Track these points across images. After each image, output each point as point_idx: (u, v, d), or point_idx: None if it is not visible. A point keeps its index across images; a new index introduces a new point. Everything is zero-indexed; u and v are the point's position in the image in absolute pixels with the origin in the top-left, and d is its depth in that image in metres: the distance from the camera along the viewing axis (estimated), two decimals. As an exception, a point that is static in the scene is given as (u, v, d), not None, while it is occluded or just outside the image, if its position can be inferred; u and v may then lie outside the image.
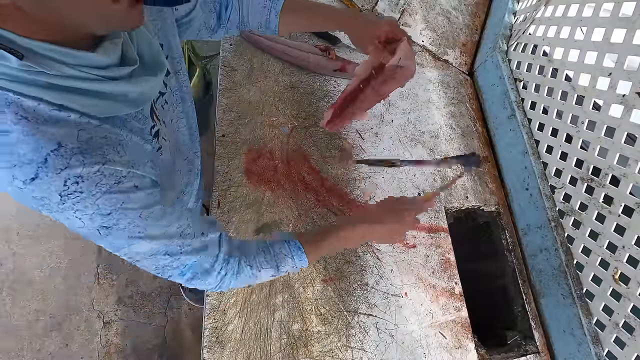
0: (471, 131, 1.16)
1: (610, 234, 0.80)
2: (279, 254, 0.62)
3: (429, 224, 0.97)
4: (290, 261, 0.62)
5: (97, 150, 0.41)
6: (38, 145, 0.37)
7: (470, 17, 1.35)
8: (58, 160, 0.38)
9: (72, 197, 0.39)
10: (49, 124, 0.39)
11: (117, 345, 1.55)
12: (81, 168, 0.39)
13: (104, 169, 0.41)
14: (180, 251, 0.51)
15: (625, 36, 0.79)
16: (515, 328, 0.97)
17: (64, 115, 0.40)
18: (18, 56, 0.35)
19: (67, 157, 0.39)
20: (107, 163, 0.41)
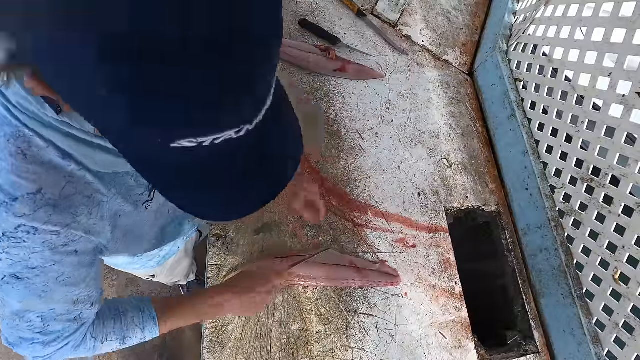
0: (471, 131, 1.16)
1: (610, 234, 0.80)
2: (130, 324, 0.58)
3: (429, 224, 0.97)
4: (140, 333, 0.59)
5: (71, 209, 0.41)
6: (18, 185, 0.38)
7: (470, 17, 1.35)
8: (27, 204, 0.38)
9: (12, 242, 0.39)
10: (43, 167, 0.39)
11: (117, 345, 1.55)
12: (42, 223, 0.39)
13: (62, 231, 0.41)
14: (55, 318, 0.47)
15: (625, 36, 0.79)
16: (515, 328, 0.97)
17: (64, 164, 0.40)
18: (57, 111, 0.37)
19: (37, 206, 0.38)
20: (70, 226, 0.42)
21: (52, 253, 0.42)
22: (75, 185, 0.42)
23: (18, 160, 0.38)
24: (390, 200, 0.97)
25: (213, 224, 0.85)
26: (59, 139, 0.39)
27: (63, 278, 0.44)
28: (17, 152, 0.38)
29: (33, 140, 0.38)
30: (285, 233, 0.87)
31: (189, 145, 0.26)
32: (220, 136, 0.27)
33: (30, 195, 0.38)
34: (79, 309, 0.49)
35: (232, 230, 0.85)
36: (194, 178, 0.31)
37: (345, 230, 0.91)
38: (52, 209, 0.39)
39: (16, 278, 0.41)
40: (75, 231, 0.42)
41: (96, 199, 0.45)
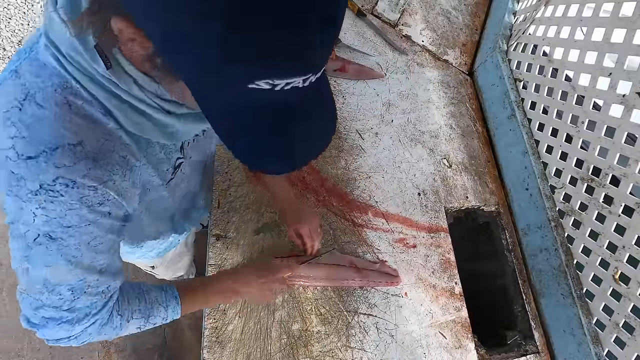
0: (471, 131, 1.16)
1: (610, 234, 0.80)
2: (154, 302, 0.58)
3: (429, 224, 0.97)
4: (163, 312, 0.59)
5: (109, 166, 0.41)
6: (61, 132, 0.37)
7: (470, 17, 1.35)
8: (68, 155, 0.38)
9: (50, 195, 0.38)
10: (85, 120, 0.39)
11: (117, 345, 1.55)
12: (81, 176, 0.38)
13: (99, 188, 0.41)
14: (85, 290, 0.46)
15: (625, 36, 0.79)
16: (515, 328, 0.97)
17: (105, 121, 0.41)
18: (107, 65, 0.37)
19: (77, 158, 0.38)
20: (107, 184, 0.41)
21: (88, 211, 0.41)
22: (113, 143, 0.42)
23: (62, 110, 0.38)
24: (390, 200, 0.97)
25: (212, 221, 0.85)
26: (103, 95, 0.39)
27: (95, 242, 0.44)
28: (62, 102, 0.38)
29: (79, 92, 0.39)
30: (285, 233, 0.87)
31: (265, 87, 0.30)
32: (292, 81, 0.31)
33: (70, 146, 0.38)
34: (105, 280, 0.48)
35: (232, 230, 0.85)
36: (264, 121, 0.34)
37: (345, 230, 0.91)
38: (91, 162, 0.39)
39: (49, 238, 0.40)
40: (110, 190, 0.42)
41: (130, 162, 0.45)
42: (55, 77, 0.38)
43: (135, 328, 0.57)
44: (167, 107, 0.44)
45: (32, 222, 0.39)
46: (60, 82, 0.38)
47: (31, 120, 0.37)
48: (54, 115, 0.37)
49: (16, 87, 0.38)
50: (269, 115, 0.34)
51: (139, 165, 0.47)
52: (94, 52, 0.37)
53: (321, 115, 0.40)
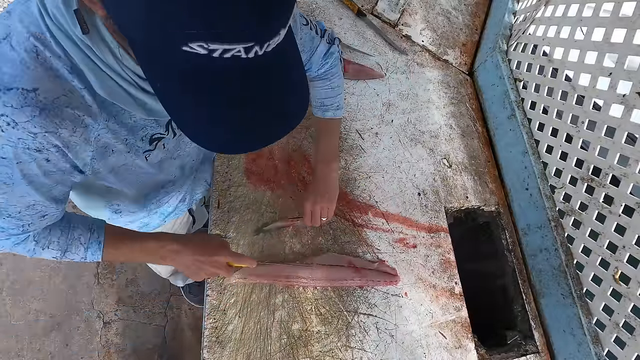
0: (471, 131, 1.16)
1: (610, 234, 0.80)
2: (75, 240, 0.58)
3: (429, 224, 0.97)
4: (82, 252, 0.59)
5: (57, 119, 0.42)
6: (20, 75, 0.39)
7: (470, 17, 1.35)
8: (18, 98, 0.39)
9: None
10: (48, 72, 0.41)
11: (117, 345, 1.55)
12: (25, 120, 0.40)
13: (40, 136, 0.42)
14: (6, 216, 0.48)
15: (625, 36, 0.79)
16: (515, 328, 0.97)
17: (69, 78, 0.42)
18: (84, 30, 0.39)
19: (25, 103, 0.39)
20: (51, 134, 0.42)
21: (22, 151, 0.42)
22: (70, 100, 0.43)
23: (29, 56, 0.39)
24: (390, 200, 0.97)
25: (212, 221, 0.85)
26: (76, 53, 0.41)
27: (28, 177, 0.45)
28: (31, 50, 0.40)
29: (51, 46, 0.40)
30: (285, 233, 0.87)
31: (201, 52, 0.29)
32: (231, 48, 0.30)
33: (24, 90, 0.39)
34: (31, 216, 0.50)
35: (232, 230, 0.85)
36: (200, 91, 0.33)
37: (345, 230, 0.91)
38: (38, 110, 0.40)
39: None
40: (53, 140, 0.43)
41: (85, 121, 0.45)
42: (33, 26, 0.40)
43: (50, 257, 0.58)
44: (142, 84, 0.46)
45: None
46: (35, 32, 0.40)
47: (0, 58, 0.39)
48: (19, 58, 0.39)
49: (2, 26, 0.40)
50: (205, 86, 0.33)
51: (97, 127, 0.48)
52: (73, 15, 0.39)
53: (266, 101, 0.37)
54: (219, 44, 0.29)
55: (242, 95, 0.35)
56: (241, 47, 0.30)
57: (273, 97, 0.38)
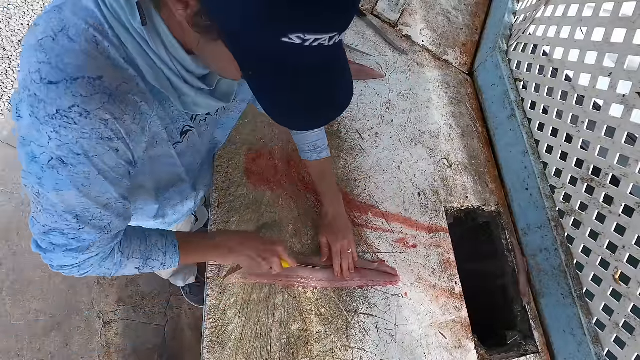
0: (471, 131, 1.16)
1: (610, 234, 0.80)
2: (154, 245, 0.61)
3: (429, 224, 0.97)
4: (162, 257, 0.61)
5: (122, 105, 0.44)
6: (84, 65, 0.40)
7: (470, 17, 1.35)
8: (86, 86, 0.40)
9: (64, 121, 0.40)
10: (107, 61, 0.42)
11: (117, 345, 1.55)
12: (95, 107, 0.41)
13: (111, 122, 0.43)
14: (89, 221, 0.49)
15: (625, 36, 0.79)
16: (515, 328, 0.97)
17: (125, 67, 0.44)
18: (143, 21, 0.41)
19: (95, 90, 0.40)
20: (118, 121, 0.44)
21: (97, 142, 0.43)
22: (130, 87, 0.44)
23: (90, 46, 0.41)
24: (390, 200, 0.97)
25: (212, 221, 0.85)
26: (131, 43, 0.43)
27: (103, 175, 0.46)
28: (91, 40, 0.41)
29: (108, 36, 0.42)
30: (286, 233, 0.87)
31: (296, 42, 0.34)
32: (321, 38, 0.35)
33: (90, 79, 0.40)
34: (109, 216, 0.51)
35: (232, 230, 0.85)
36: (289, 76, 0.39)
37: (345, 230, 0.91)
38: (107, 97, 0.41)
39: (61, 162, 0.43)
40: (121, 128, 0.44)
41: (142, 108, 0.47)
42: (90, 19, 0.41)
43: (134, 268, 0.60)
44: (186, 77, 0.48)
45: (46, 145, 0.42)
46: (94, 23, 0.41)
47: (60, 50, 0.40)
48: (81, 49, 0.40)
49: (55, 20, 0.41)
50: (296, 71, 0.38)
51: (151, 114, 0.49)
52: (133, 6, 0.40)
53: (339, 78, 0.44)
54: (313, 34, 0.34)
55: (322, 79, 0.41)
56: (328, 36, 0.35)
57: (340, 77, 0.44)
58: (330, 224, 0.84)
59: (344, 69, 0.45)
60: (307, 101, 0.42)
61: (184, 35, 0.44)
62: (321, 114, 0.45)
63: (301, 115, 0.44)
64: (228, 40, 0.38)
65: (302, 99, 0.42)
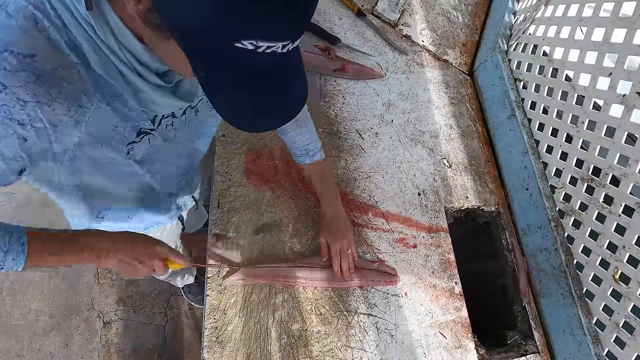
0: (471, 131, 1.16)
1: (610, 234, 0.80)
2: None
3: (429, 223, 0.97)
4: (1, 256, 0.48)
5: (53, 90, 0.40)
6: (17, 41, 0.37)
7: (470, 17, 1.35)
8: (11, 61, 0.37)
9: None
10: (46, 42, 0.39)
11: (117, 345, 1.55)
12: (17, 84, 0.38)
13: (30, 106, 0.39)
14: None
15: (625, 36, 0.79)
16: (515, 328, 0.97)
17: (67, 51, 0.40)
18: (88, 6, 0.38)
19: (21, 67, 0.37)
20: (42, 106, 0.40)
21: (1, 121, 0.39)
22: (67, 73, 0.41)
23: (28, 23, 0.38)
24: (390, 200, 0.97)
25: (212, 221, 0.84)
26: (76, 27, 0.40)
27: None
28: (30, 17, 0.38)
29: (50, 16, 0.39)
30: (285, 233, 0.87)
31: (249, 48, 0.35)
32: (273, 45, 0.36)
33: (20, 55, 0.37)
34: None
35: (232, 230, 0.85)
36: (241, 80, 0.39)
37: (345, 230, 0.91)
38: (34, 77, 0.38)
39: None
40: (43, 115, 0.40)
41: (81, 100, 0.43)
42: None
43: None
44: (140, 70, 0.45)
45: None
46: (34, 1, 0.38)
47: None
48: (17, 24, 0.38)
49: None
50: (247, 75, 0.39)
51: (90, 107, 0.45)
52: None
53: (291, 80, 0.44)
54: (266, 42, 0.35)
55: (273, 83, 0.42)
56: (281, 44, 0.36)
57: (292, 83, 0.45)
58: (329, 224, 0.84)
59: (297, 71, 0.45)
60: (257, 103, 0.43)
61: (136, 26, 0.41)
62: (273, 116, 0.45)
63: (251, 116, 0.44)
64: (180, 39, 0.37)
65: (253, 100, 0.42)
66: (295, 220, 0.89)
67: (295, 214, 0.90)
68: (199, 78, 0.40)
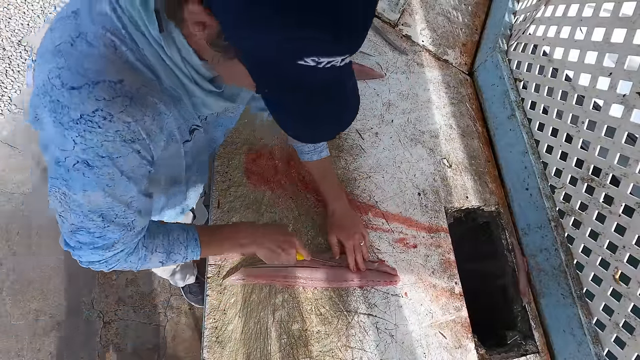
0: (471, 131, 1.16)
1: (610, 234, 0.80)
2: (176, 240, 0.63)
3: (429, 223, 0.97)
4: (184, 250, 0.64)
5: (143, 108, 0.45)
6: (104, 69, 0.41)
7: (470, 17, 1.35)
8: (108, 90, 0.41)
9: (89, 125, 0.41)
10: (126, 64, 0.43)
11: (117, 345, 1.55)
12: (118, 111, 0.42)
13: (133, 125, 0.44)
14: (113, 219, 0.51)
15: (625, 36, 0.79)
16: (515, 328, 0.97)
17: (144, 70, 0.45)
18: (160, 28, 0.42)
19: (116, 94, 0.41)
20: (139, 122, 0.45)
21: (121, 144, 0.44)
22: (148, 89, 0.45)
23: (109, 50, 0.41)
24: (390, 200, 0.97)
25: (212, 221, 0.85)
26: (148, 48, 0.43)
27: (126, 173, 0.48)
28: (109, 44, 0.41)
29: (126, 40, 0.42)
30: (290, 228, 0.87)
31: (311, 64, 0.36)
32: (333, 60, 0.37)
33: (111, 82, 0.41)
34: (132, 214, 0.52)
35: (232, 230, 0.85)
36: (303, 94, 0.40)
37: (345, 230, 0.91)
38: (128, 100, 0.42)
39: (87, 165, 0.44)
40: (142, 130, 0.46)
41: (160, 109, 0.48)
42: (107, 24, 0.42)
43: (158, 262, 0.62)
44: (198, 80, 0.50)
45: (71, 149, 0.43)
46: (111, 27, 0.41)
47: (79, 55, 0.40)
48: (100, 53, 0.41)
49: (72, 26, 0.42)
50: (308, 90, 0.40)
51: (168, 114, 0.51)
52: (151, 14, 0.41)
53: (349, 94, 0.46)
54: (327, 57, 0.36)
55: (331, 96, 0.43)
56: (340, 58, 0.37)
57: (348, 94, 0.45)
58: (340, 221, 0.85)
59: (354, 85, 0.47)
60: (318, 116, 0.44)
61: (199, 47, 0.45)
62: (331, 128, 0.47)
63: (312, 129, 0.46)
64: (245, 59, 0.39)
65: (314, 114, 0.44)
66: (295, 220, 0.89)
67: (295, 214, 0.90)
68: (262, 94, 0.42)
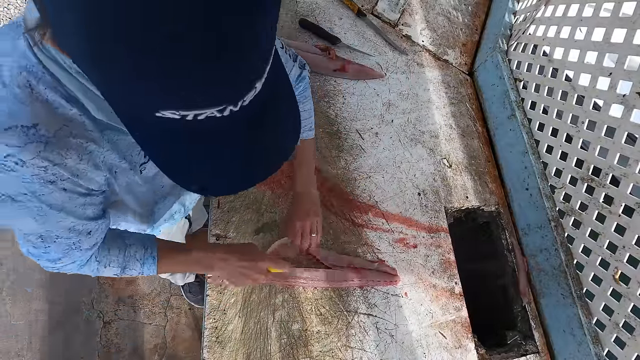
0: (471, 131, 1.16)
1: (610, 234, 0.80)
2: (132, 257, 0.63)
3: (429, 223, 0.97)
4: (139, 267, 0.63)
5: (62, 150, 0.42)
6: (17, 113, 0.38)
7: (470, 17, 1.35)
8: (19, 136, 0.39)
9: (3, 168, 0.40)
10: (45, 105, 0.40)
11: (117, 345, 1.55)
12: (30, 157, 0.40)
13: (51, 168, 0.42)
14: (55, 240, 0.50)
15: (625, 36, 0.79)
16: (515, 328, 0.97)
17: (67, 106, 0.42)
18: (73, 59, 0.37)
19: (29, 140, 0.39)
20: (58, 165, 0.43)
21: (40, 185, 0.43)
22: (70, 129, 0.43)
23: (23, 93, 0.39)
24: (390, 200, 0.97)
25: (212, 221, 0.85)
26: (69, 81, 0.41)
27: (55, 207, 0.46)
28: (24, 85, 0.39)
29: (43, 77, 0.40)
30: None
31: (173, 117, 0.29)
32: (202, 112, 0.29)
33: (24, 127, 0.39)
34: (75, 236, 0.51)
35: (232, 230, 0.85)
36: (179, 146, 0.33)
37: (345, 230, 0.91)
38: (43, 145, 0.40)
39: (12, 199, 0.43)
40: (63, 171, 0.44)
41: (88, 148, 0.46)
42: (23, 60, 0.39)
43: (112, 274, 0.62)
44: None
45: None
46: (27, 64, 0.39)
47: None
48: (14, 96, 0.38)
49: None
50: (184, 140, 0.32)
51: (102, 150, 0.48)
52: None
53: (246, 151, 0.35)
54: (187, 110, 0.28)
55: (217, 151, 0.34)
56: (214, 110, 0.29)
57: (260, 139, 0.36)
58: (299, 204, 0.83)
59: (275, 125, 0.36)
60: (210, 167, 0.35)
61: None
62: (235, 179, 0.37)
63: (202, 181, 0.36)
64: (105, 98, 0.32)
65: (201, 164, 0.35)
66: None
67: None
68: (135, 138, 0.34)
